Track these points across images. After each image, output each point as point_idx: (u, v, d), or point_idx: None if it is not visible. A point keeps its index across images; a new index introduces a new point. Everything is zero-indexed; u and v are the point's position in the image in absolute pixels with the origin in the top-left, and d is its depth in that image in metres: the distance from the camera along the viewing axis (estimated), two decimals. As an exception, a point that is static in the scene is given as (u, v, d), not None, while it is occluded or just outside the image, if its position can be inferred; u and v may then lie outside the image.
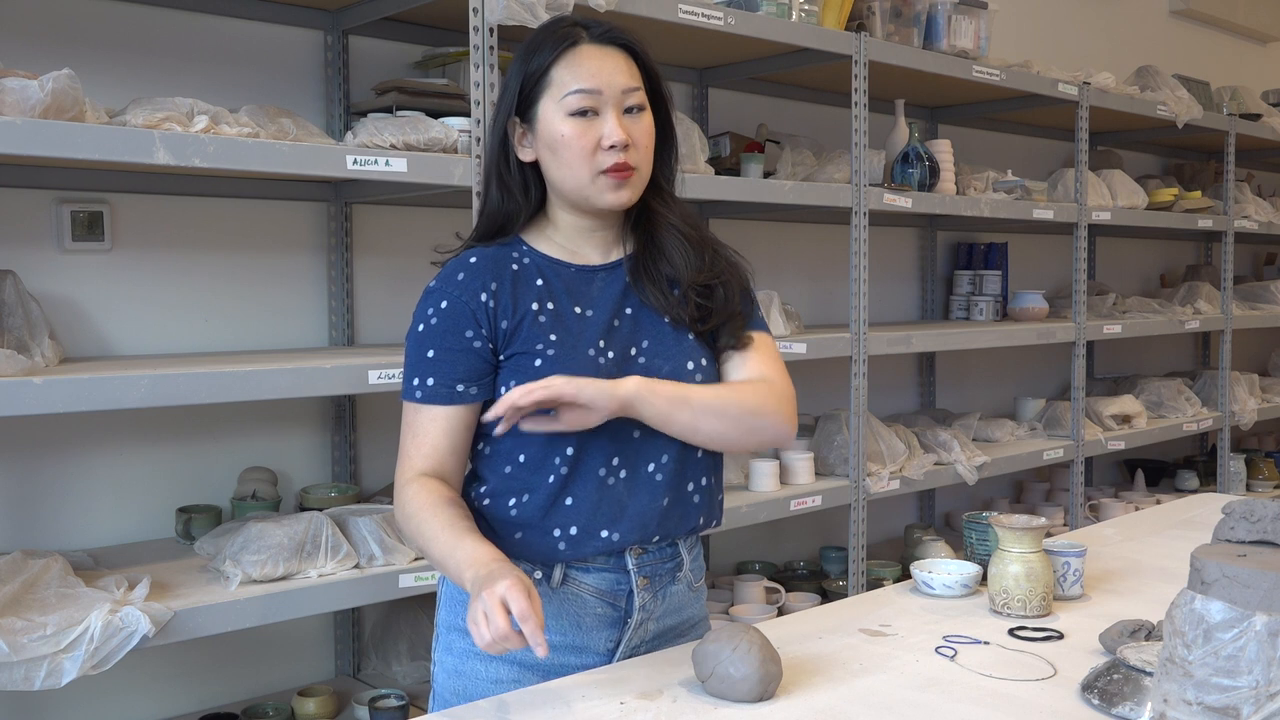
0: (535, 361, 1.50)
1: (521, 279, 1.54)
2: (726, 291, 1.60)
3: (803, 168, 3.19)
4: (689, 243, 1.59)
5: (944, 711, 1.38)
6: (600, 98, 1.49)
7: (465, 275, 1.54)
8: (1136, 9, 5.37)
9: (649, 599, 1.57)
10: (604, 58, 1.50)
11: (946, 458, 3.49)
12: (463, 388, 1.51)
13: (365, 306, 2.87)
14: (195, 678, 2.63)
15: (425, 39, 2.85)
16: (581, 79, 1.49)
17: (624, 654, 1.57)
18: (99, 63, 2.45)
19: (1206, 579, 1.08)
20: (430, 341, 1.52)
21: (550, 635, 1.52)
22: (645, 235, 1.60)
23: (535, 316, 1.52)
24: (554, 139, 1.50)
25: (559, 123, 1.50)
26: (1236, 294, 5.09)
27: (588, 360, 1.50)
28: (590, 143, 1.49)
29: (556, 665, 1.54)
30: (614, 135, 1.48)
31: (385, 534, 2.31)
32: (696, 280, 1.57)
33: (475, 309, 1.51)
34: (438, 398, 1.51)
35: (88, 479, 2.48)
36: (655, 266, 1.58)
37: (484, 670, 1.54)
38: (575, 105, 1.49)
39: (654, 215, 1.59)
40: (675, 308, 1.57)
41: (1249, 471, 5.00)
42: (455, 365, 1.50)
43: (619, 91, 1.50)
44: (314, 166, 2.17)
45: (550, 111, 1.50)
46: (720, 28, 2.77)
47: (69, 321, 2.43)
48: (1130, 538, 2.28)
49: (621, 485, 1.52)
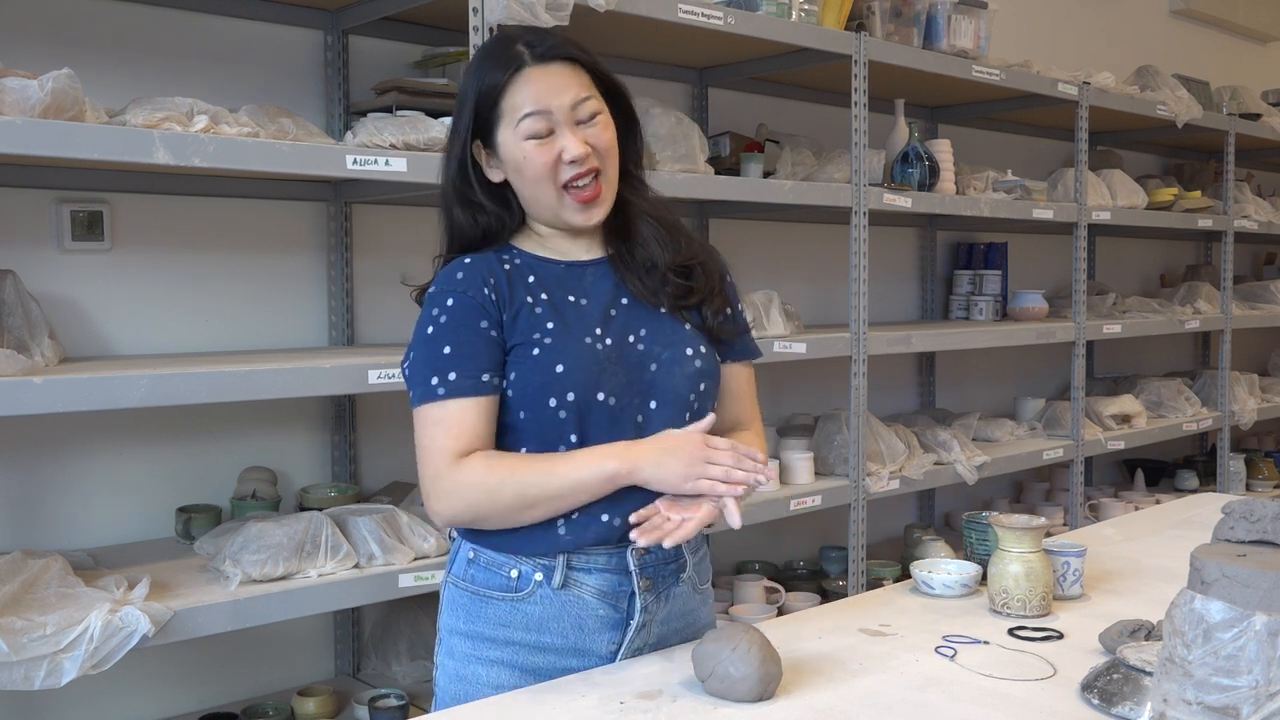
0: (534, 350, 1.51)
1: (514, 276, 1.57)
2: (705, 270, 1.64)
3: (803, 168, 3.19)
4: (662, 226, 1.63)
5: (944, 711, 1.38)
6: (552, 117, 1.52)
7: (464, 274, 1.55)
8: (1136, 9, 5.37)
9: (651, 600, 1.57)
10: (549, 77, 1.53)
11: (946, 457, 3.49)
12: (487, 377, 1.51)
13: (365, 306, 2.87)
14: (195, 678, 2.63)
15: (425, 39, 2.85)
16: (529, 102, 1.52)
17: (626, 657, 1.57)
18: (99, 63, 2.45)
19: (1206, 579, 1.08)
20: (445, 338, 1.51)
21: (551, 638, 1.54)
22: (621, 224, 1.63)
23: (531, 308, 1.54)
24: (516, 162, 1.55)
25: (517, 147, 1.53)
26: (1236, 294, 5.09)
27: (585, 347, 1.53)
28: (550, 159, 1.53)
29: (558, 669, 1.53)
30: (571, 150, 1.52)
31: (385, 534, 2.31)
32: (674, 262, 1.61)
33: (482, 300, 1.53)
34: (464, 390, 1.49)
35: (88, 479, 2.48)
36: (633, 255, 1.62)
37: (485, 675, 1.55)
38: (530, 129, 1.52)
39: (628, 204, 1.63)
40: (656, 292, 1.60)
41: (1249, 471, 5.00)
42: (478, 356, 1.51)
43: (569, 107, 1.53)
44: (314, 166, 2.18)
45: (508, 137, 1.54)
46: (720, 27, 2.77)
47: (69, 321, 2.43)
48: (1130, 538, 2.28)
49: None
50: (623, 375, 1.53)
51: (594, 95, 1.56)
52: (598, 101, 1.56)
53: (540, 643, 1.54)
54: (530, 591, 1.54)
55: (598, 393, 1.51)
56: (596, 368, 1.51)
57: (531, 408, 1.51)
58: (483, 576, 1.56)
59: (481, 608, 1.56)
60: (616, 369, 1.53)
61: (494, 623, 1.55)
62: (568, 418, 1.50)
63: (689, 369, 1.57)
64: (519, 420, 1.52)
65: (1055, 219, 3.87)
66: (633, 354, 1.55)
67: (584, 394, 1.50)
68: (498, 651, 1.54)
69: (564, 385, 1.50)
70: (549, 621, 1.53)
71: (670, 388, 1.56)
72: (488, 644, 1.55)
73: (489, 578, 1.56)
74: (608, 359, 1.52)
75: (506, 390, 1.52)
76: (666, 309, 1.60)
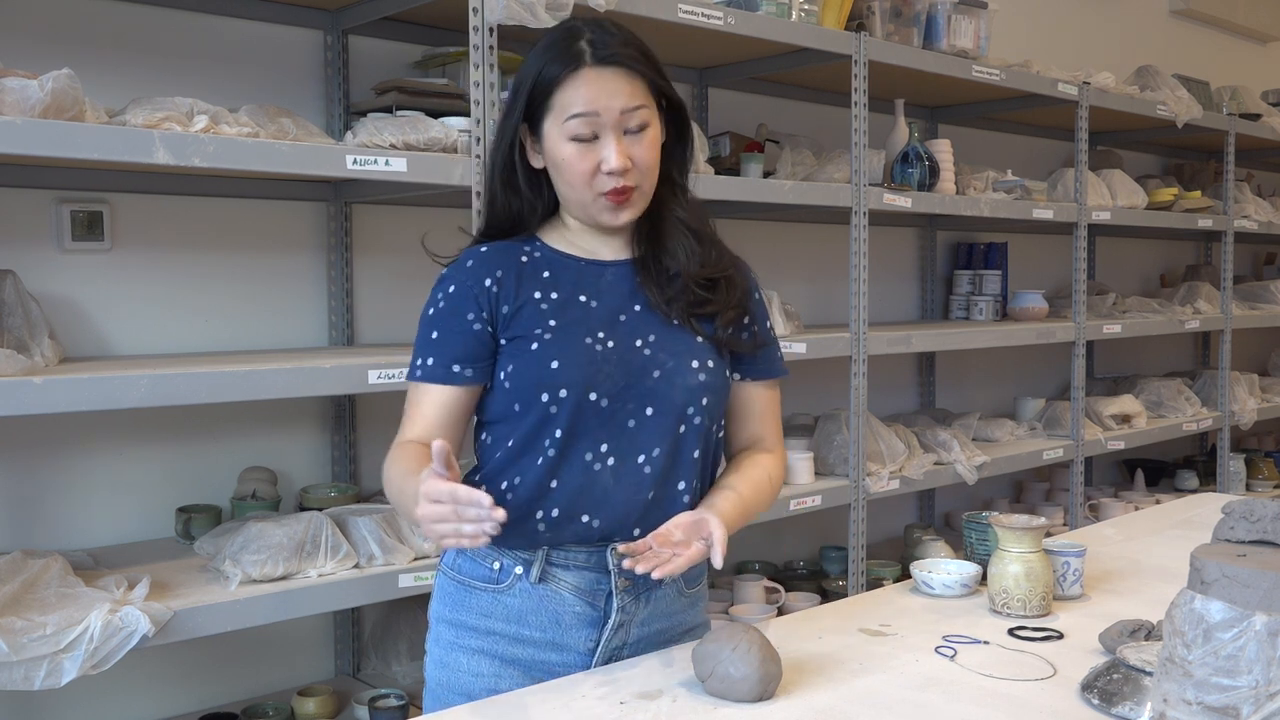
0: (532, 345, 1.53)
1: (528, 270, 1.58)
2: (729, 284, 1.62)
3: (803, 168, 3.19)
4: (695, 238, 1.61)
5: (944, 711, 1.38)
6: (599, 120, 1.51)
7: (475, 262, 1.58)
8: (1136, 9, 5.37)
9: (629, 601, 1.57)
10: (604, 81, 1.51)
11: (946, 457, 3.49)
12: (459, 368, 1.54)
13: (365, 306, 2.87)
14: (195, 678, 2.63)
15: (425, 39, 2.85)
16: (580, 104, 1.50)
17: (603, 656, 1.57)
18: (99, 63, 2.45)
19: (1206, 579, 1.08)
20: (435, 323, 1.57)
21: (530, 631, 1.56)
22: (653, 229, 1.62)
23: (537, 304, 1.55)
24: (557, 160, 1.54)
25: (560, 145, 1.52)
26: (1236, 294, 5.09)
27: (583, 346, 1.53)
28: (590, 166, 1.52)
29: (536, 662, 1.56)
30: (612, 162, 1.50)
31: (385, 534, 2.31)
32: (700, 274, 1.59)
33: (478, 293, 1.55)
34: (435, 377, 1.55)
35: (88, 479, 2.48)
36: (659, 261, 1.60)
37: (466, 663, 1.57)
38: (575, 130, 1.51)
39: (664, 211, 1.61)
40: (671, 301, 1.58)
41: (1249, 471, 5.00)
42: (454, 346, 1.54)
43: (618, 114, 1.51)
44: (314, 166, 2.18)
45: (554, 132, 1.53)
46: (720, 27, 2.77)
47: (69, 321, 2.43)
48: (1130, 538, 2.28)
49: (608, 473, 1.53)
50: (620, 379, 1.53)
51: (647, 105, 1.54)
52: (650, 113, 1.54)
53: (520, 634, 1.55)
54: (511, 584, 1.56)
55: (590, 393, 1.51)
56: (592, 368, 1.52)
57: (525, 401, 1.52)
58: (469, 566, 1.59)
59: (466, 597, 1.58)
60: (614, 371, 1.53)
61: (477, 612, 1.57)
62: (558, 413, 1.51)
63: (691, 381, 1.56)
64: (513, 412, 1.54)
65: (1055, 219, 3.87)
66: (636, 359, 1.55)
67: (577, 392, 1.50)
68: (479, 641, 1.57)
69: (558, 381, 1.50)
70: (528, 614, 1.55)
71: (668, 397, 1.55)
72: (470, 633, 1.57)
73: (474, 568, 1.58)
74: (605, 360, 1.52)
75: (504, 383, 1.54)
76: (679, 320, 1.59)
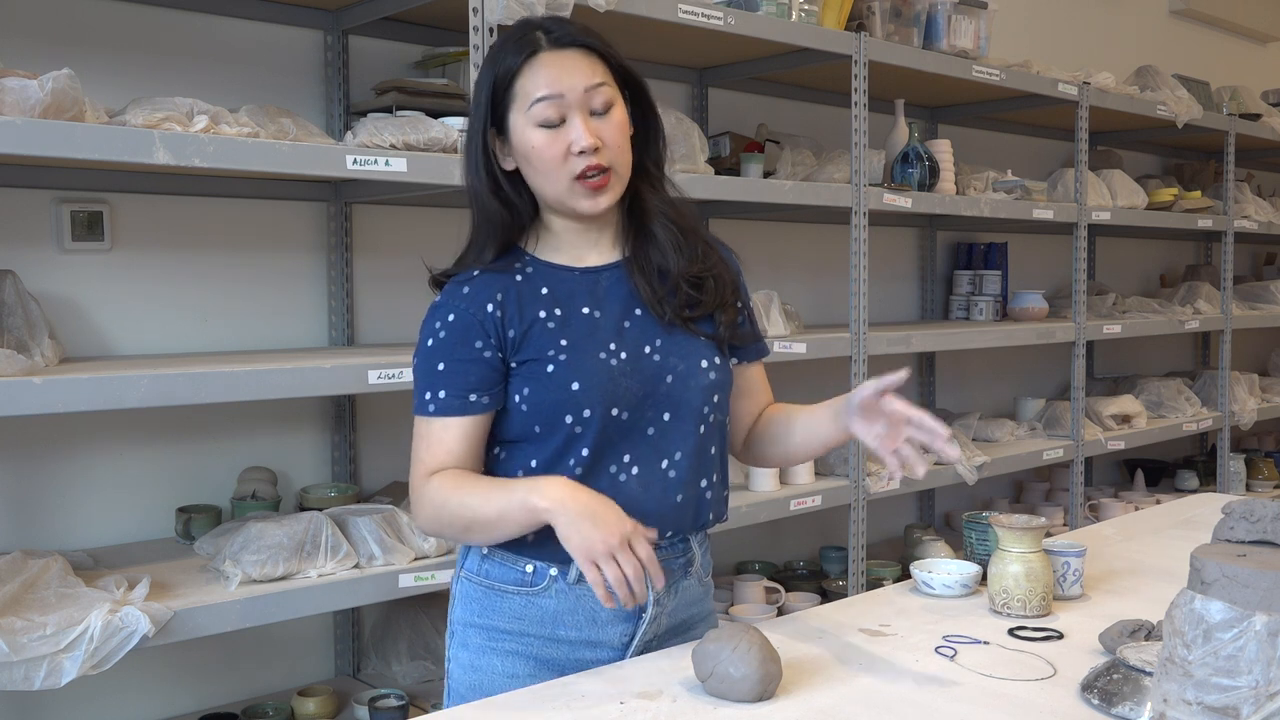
0: (548, 367, 1.52)
1: (526, 289, 1.56)
2: (717, 282, 1.62)
3: (802, 168, 3.19)
4: (680, 230, 1.60)
5: (944, 711, 1.38)
6: (564, 102, 1.50)
7: (471, 289, 1.55)
8: (1136, 9, 5.37)
9: (663, 594, 1.58)
10: (564, 61, 1.51)
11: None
12: (475, 397, 1.52)
13: (365, 306, 2.87)
14: (195, 678, 2.63)
15: (425, 39, 2.85)
16: (543, 86, 1.50)
17: (638, 648, 1.59)
18: (99, 63, 2.45)
19: (1206, 579, 1.08)
20: (440, 355, 1.53)
21: (566, 631, 1.56)
22: (637, 225, 1.62)
23: (544, 324, 1.54)
24: (526, 150, 1.52)
25: (528, 133, 1.51)
26: (1236, 294, 5.09)
27: (599, 363, 1.52)
28: (560, 151, 1.50)
29: (571, 660, 1.56)
30: (581, 140, 1.49)
31: (385, 534, 2.31)
32: (688, 272, 1.59)
33: (483, 319, 1.52)
34: (451, 409, 1.52)
35: (88, 479, 2.48)
36: (648, 258, 1.60)
37: (500, 665, 1.56)
38: (541, 115, 1.50)
39: (645, 204, 1.61)
40: (664, 301, 1.58)
41: (1249, 471, 5.00)
42: (467, 376, 1.52)
43: (581, 92, 1.50)
44: (314, 166, 2.18)
45: (520, 122, 1.52)
46: (720, 28, 2.77)
47: (69, 321, 2.43)
48: (1130, 538, 2.28)
49: (634, 482, 1.54)
50: (638, 388, 1.53)
51: (609, 84, 1.53)
52: (613, 90, 1.54)
53: (555, 635, 1.56)
54: (545, 586, 1.55)
55: (612, 409, 1.51)
56: (612, 384, 1.51)
57: (547, 423, 1.51)
58: (497, 571, 1.57)
59: (496, 601, 1.57)
60: (631, 383, 1.53)
61: (508, 616, 1.56)
62: (583, 433, 1.51)
63: (704, 381, 1.57)
64: (533, 433, 1.52)
65: (1055, 219, 3.87)
66: (649, 366, 1.55)
67: (600, 410, 1.50)
68: (513, 643, 1.56)
69: (580, 403, 1.50)
70: (564, 615, 1.55)
71: (685, 400, 1.56)
72: (503, 636, 1.57)
73: (504, 572, 1.57)
74: (622, 373, 1.52)
75: (520, 405, 1.52)
76: (676, 321, 1.59)
